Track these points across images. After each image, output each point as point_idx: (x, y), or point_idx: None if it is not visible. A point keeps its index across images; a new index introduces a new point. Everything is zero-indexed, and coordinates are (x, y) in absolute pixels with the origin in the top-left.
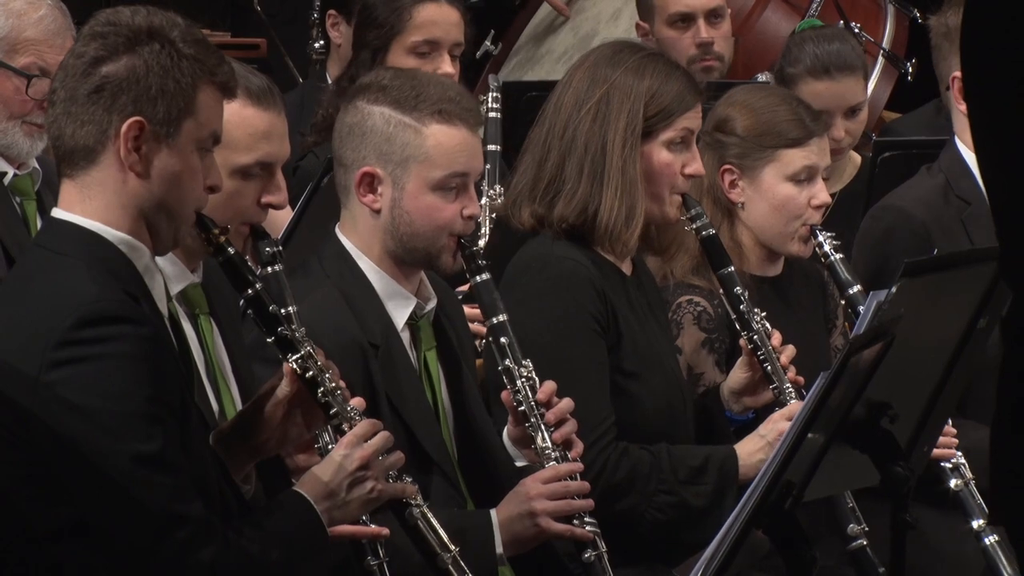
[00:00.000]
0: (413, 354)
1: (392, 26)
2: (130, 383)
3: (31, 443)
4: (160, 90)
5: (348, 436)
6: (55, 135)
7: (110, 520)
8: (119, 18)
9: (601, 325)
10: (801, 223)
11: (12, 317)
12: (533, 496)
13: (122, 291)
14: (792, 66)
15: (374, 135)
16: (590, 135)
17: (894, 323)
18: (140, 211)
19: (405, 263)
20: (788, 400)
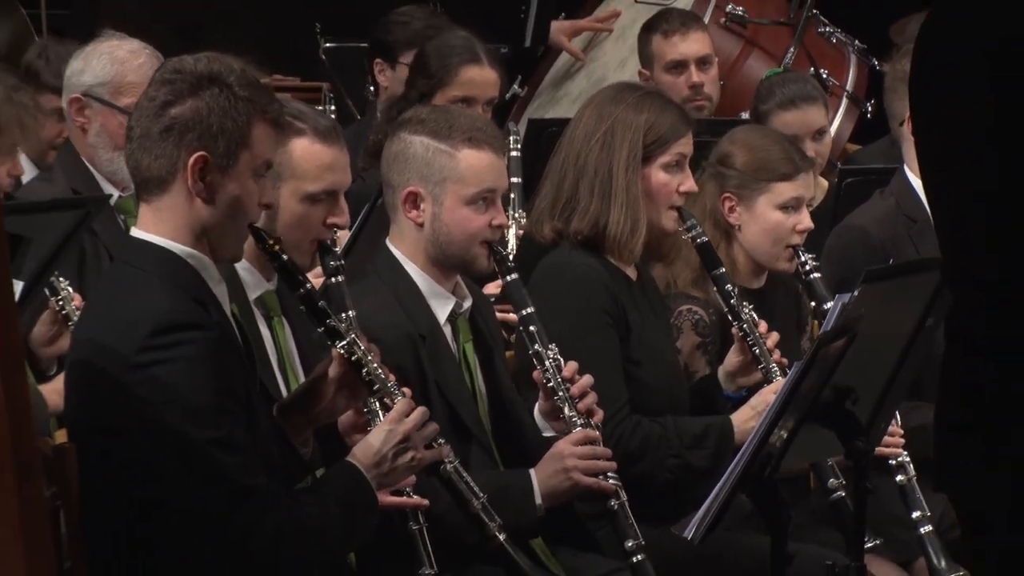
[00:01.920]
0: (454, 345)
1: (440, 79)
2: (200, 379)
3: (122, 434)
4: (220, 128)
5: (391, 414)
6: (133, 166)
7: (189, 495)
8: (184, 66)
9: (613, 319)
10: (787, 245)
11: (100, 326)
12: (567, 455)
13: (191, 299)
14: (764, 103)
15: (415, 160)
16: (599, 161)
17: (856, 321)
18: (205, 230)
19: (445, 267)
20: (774, 378)
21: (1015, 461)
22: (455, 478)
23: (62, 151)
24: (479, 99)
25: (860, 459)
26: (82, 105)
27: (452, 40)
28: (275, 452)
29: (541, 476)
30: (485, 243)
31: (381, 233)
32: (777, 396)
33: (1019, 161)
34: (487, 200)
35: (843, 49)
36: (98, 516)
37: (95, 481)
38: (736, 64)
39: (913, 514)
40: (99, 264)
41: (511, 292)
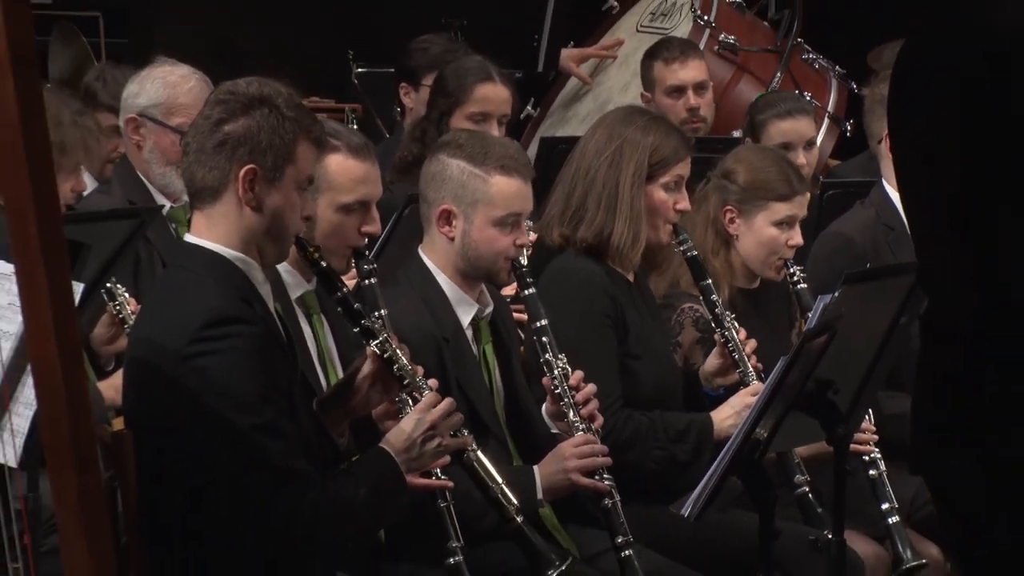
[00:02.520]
0: (475, 347)
1: (457, 97)
2: (246, 370)
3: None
4: (269, 144)
5: (419, 405)
6: (188, 177)
7: (235, 476)
8: (237, 88)
9: (612, 321)
10: (778, 257)
11: (155, 323)
12: (567, 457)
13: (238, 298)
14: (761, 114)
15: (451, 181)
16: (607, 177)
17: (837, 319)
18: (253, 236)
19: (470, 278)
20: (751, 381)
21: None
22: (477, 465)
23: (118, 166)
24: (493, 114)
25: (840, 444)
26: (137, 124)
27: (467, 63)
28: (313, 440)
29: (543, 473)
30: (508, 259)
31: (409, 240)
32: (765, 387)
33: (982, 173)
34: (513, 223)
35: (825, 74)
36: (153, 496)
37: (150, 465)
38: (728, 87)
39: (883, 506)
40: (152, 268)
41: (528, 305)
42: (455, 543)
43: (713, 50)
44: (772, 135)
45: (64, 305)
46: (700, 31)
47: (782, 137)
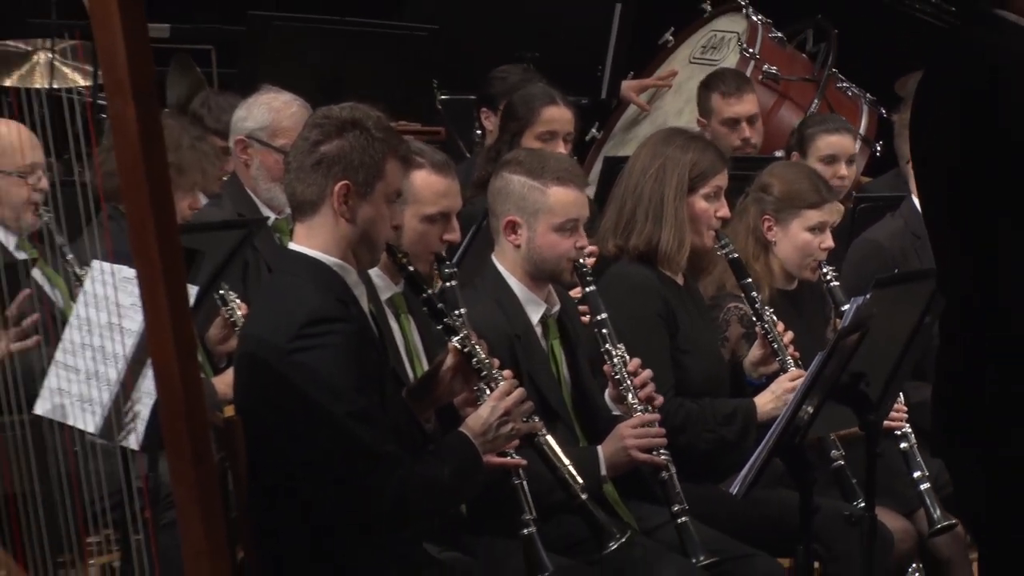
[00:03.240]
0: (544, 342)
1: (526, 119)
2: (342, 363)
3: (278, 410)
4: (360, 162)
5: (495, 393)
6: (290, 192)
7: (332, 458)
8: (332, 112)
9: (664, 319)
10: (813, 259)
11: (262, 323)
12: (626, 436)
13: (335, 299)
14: (810, 128)
15: (514, 195)
16: (652, 191)
17: (869, 319)
18: (348, 244)
19: (537, 279)
20: (788, 368)
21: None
22: (546, 448)
23: (228, 182)
24: (559, 133)
25: (871, 430)
26: (245, 145)
27: (533, 89)
28: (403, 425)
29: (606, 452)
30: (570, 261)
31: (485, 249)
32: (804, 379)
33: (982, 186)
34: (572, 227)
35: (857, 100)
36: (260, 476)
37: (257, 448)
38: (771, 112)
39: (914, 474)
40: (259, 274)
41: (589, 300)
42: (528, 516)
43: (757, 79)
44: (819, 147)
45: (180, 305)
46: (746, 62)
47: (829, 149)
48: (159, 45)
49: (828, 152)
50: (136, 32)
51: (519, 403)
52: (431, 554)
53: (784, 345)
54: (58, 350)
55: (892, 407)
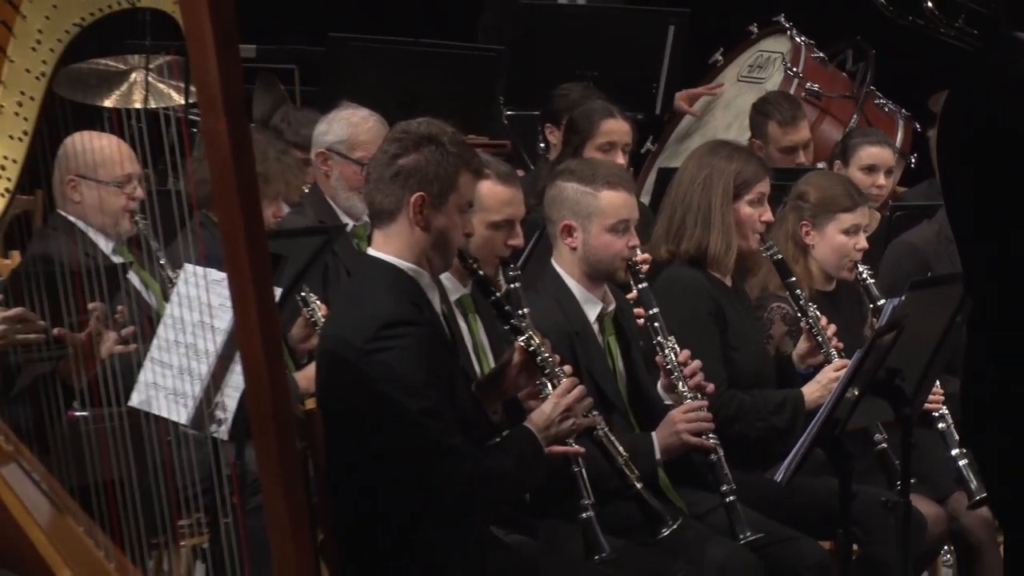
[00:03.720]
0: (600, 338)
1: (587, 132)
2: (414, 363)
3: (355, 404)
4: (435, 175)
5: (557, 390)
6: (369, 202)
7: (404, 450)
8: (410, 128)
9: (714, 317)
10: (849, 259)
11: (341, 323)
12: (677, 421)
13: (409, 302)
14: (854, 139)
15: (568, 201)
16: (700, 199)
17: (904, 318)
18: (422, 250)
19: (594, 279)
20: (833, 359)
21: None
22: (604, 440)
23: (309, 191)
24: (617, 143)
25: (906, 422)
26: (326, 157)
27: (593, 104)
28: (472, 417)
29: (660, 437)
30: (623, 259)
31: (546, 253)
32: (843, 375)
33: (997, 198)
34: (623, 228)
35: (893, 116)
36: (338, 464)
37: (336, 439)
38: (813, 127)
39: (952, 451)
40: (338, 276)
41: (642, 296)
42: (587, 501)
43: (800, 96)
44: (861, 157)
45: (267, 306)
46: (790, 81)
47: (870, 160)
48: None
49: (869, 162)
50: (227, 52)
51: (580, 400)
52: (497, 536)
53: (828, 338)
54: (152, 347)
55: (926, 400)
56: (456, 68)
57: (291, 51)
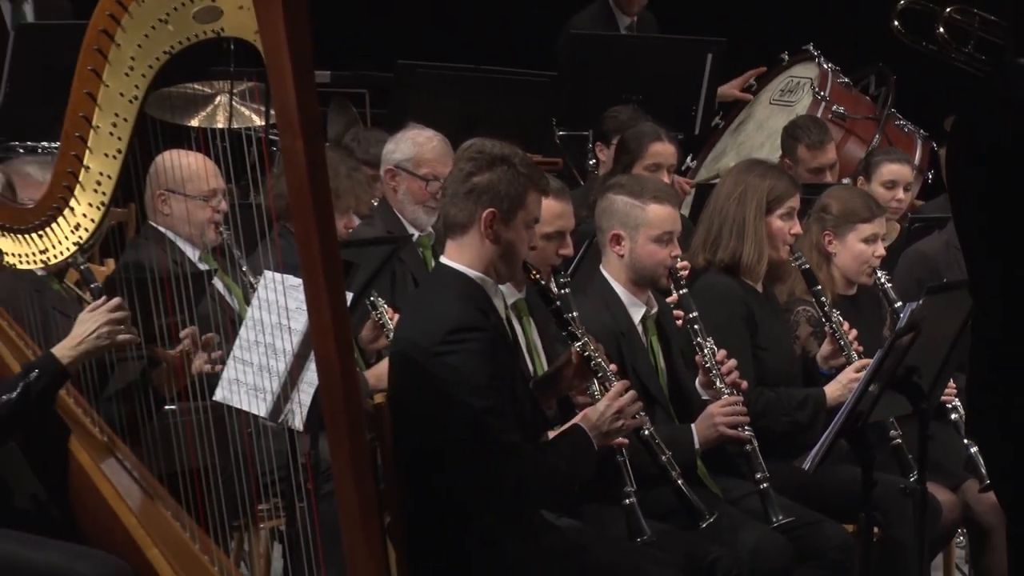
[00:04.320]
0: (644, 339)
1: (636, 152)
2: (479, 365)
3: (424, 402)
4: (506, 193)
5: (610, 393)
6: (444, 214)
7: (467, 444)
8: (484, 148)
9: (745, 321)
10: (868, 266)
11: (413, 327)
12: (715, 414)
13: (476, 309)
14: (876, 156)
15: (618, 212)
16: (735, 213)
17: (921, 321)
18: (491, 261)
19: (638, 285)
20: (853, 360)
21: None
22: (650, 439)
23: (379, 204)
24: (663, 165)
25: (923, 415)
26: (394, 174)
27: (643, 127)
28: (528, 413)
29: (698, 429)
30: (666, 268)
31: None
32: (866, 372)
33: (997, 225)
34: (667, 239)
35: (912, 135)
36: (406, 455)
37: (405, 433)
38: (839, 146)
39: (965, 440)
40: (405, 283)
41: (682, 301)
42: (630, 488)
43: (827, 118)
44: (883, 174)
45: (339, 309)
46: (817, 104)
47: (890, 176)
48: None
49: (889, 178)
50: (304, 78)
51: (630, 403)
52: (549, 520)
53: (849, 341)
54: (235, 347)
55: (941, 396)
56: (512, 92)
57: (363, 76)
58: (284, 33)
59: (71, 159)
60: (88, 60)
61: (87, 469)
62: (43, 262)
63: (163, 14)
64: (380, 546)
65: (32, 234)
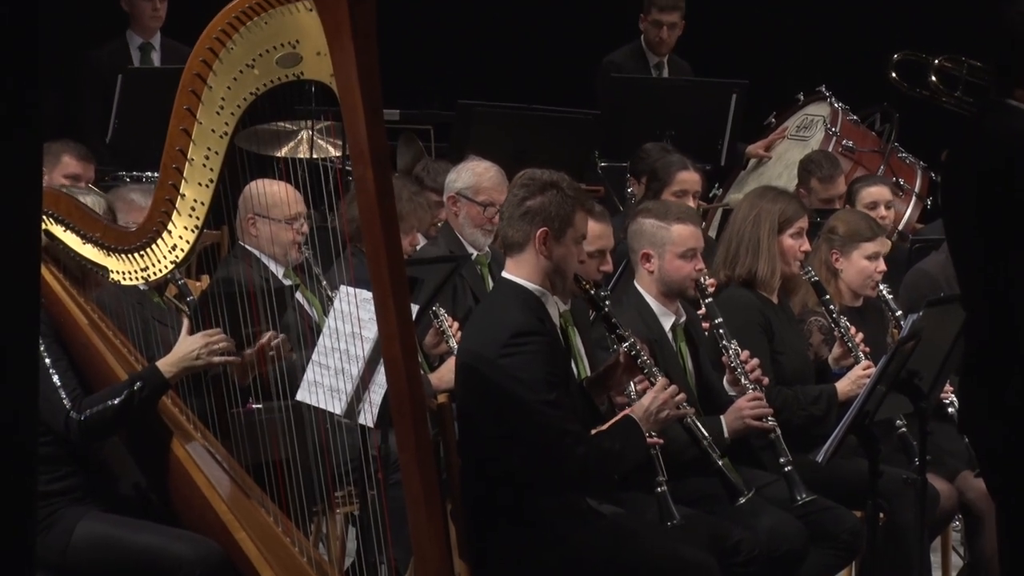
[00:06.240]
0: (674, 345)
1: (664, 180)
2: (538, 365)
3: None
4: (556, 213)
5: (655, 387)
6: (503, 235)
7: (531, 433)
8: (535, 175)
9: (763, 329)
10: (871, 280)
11: (478, 334)
12: (743, 408)
13: (535, 316)
14: (855, 185)
15: (647, 233)
16: (751, 233)
17: (922, 330)
18: (546, 274)
19: (668, 296)
20: (860, 360)
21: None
22: (692, 426)
23: (442, 227)
24: (689, 191)
25: (923, 414)
26: (455, 200)
27: (671, 158)
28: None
29: (727, 420)
30: (692, 280)
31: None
32: (872, 375)
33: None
34: (692, 255)
35: (914, 166)
36: (470, 450)
37: (470, 430)
38: (848, 175)
39: None
40: (464, 296)
41: (708, 310)
42: (661, 478)
43: (838, 151)
44: (863, 197)
45: (405, 319)
46: (829, 139)
47: (870, 198)
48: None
49: (869, 200)
50: (374, 116)
51: (674, 396)
52: (593, 506)
53: (857, 344)
54: (314, 352)
55: (939, 396)
56: (559, 128)
57: (427, 114)
58: (356, 76)
59: (169, 188)
60: (184, 100)
61: (183, 461)
62: (144, 278)
63: (250, 59)
64: (443, 529)
65: (135, 253)
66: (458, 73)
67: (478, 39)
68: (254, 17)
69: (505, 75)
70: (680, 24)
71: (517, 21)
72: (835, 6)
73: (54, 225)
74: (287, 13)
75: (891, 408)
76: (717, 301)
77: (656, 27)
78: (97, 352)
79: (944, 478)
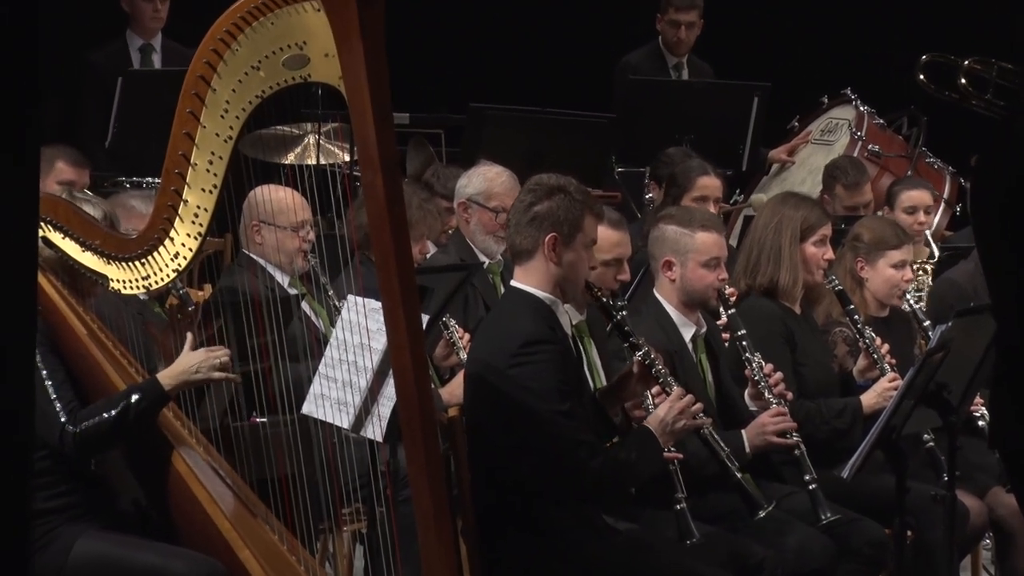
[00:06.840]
0: (694, 356)
1: (684, 186)
2: (550, 375)
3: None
4: (565, 219)
5: (671, 396)
6: (511, 243)
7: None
8: (542, 180)
9: (785, 339)
10: (898, 289)
11: (488, 345)
12: (765, 423)
13: (545, 325)
14: (895, 187)
15: (669, 240)
16: (772, 241)
17: (951, 341)
18: (556, 281)
19: (689, 306)
20: (887, 372)
21: None
22: (710, 438)
23: (453, 234)
24: (709, 197)
25: (952, 428)
26: (466, 206)
27: (691, 163)
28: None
29: (749, 436)
30: (715, 290)
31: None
32: (899, 388)
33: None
34: (715, 264)
35: (942, 172)
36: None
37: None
38: (874, 181)
39: None
40: (476, 306)
41: (731, 321)
42: (680, 494)
43: (864, 156)
44: (903, 201)
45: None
46: (855, 143)
47: (910, 202)
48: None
49: (909, 204)
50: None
51: (690, 406)
52: (609, 523)
53: (882, 355)
54: (321, 364)
55: (969, 410)
56: (574, 131)
57: (438, 118)
58: (365, 79)
59: (171, 193)
60: (187, 103)
61: (184, 476)
62: (146, 287)
63: (255, 61)
64: (453, 547)
65: (136, 261)
66: (469, 75)
67: (490, 40)
68: (260, 17)
69: (517, 77)
70: (699, 23)
71: (529, 21)
72: (861, 5)
73: (52, 232)
74: (294, 13)
75: (919, 422)
76: (738, 311)
77: (674, 27)
78: (96, 363)
79: (974, 494)
